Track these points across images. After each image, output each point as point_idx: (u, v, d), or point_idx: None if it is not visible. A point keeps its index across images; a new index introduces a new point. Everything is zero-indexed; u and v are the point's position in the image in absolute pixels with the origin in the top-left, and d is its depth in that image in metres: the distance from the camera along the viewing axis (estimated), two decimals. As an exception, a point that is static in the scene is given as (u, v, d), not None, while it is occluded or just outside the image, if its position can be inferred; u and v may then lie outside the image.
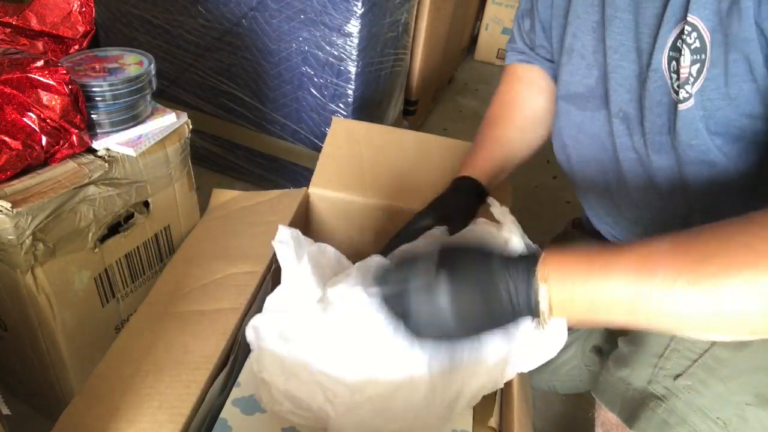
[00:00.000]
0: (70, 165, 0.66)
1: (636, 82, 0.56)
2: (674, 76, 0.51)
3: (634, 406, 0.53)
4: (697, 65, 0.48)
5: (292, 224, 0.76)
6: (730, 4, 0.44)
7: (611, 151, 0.62)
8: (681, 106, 0.52)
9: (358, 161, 0.87)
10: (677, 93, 0.52)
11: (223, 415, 0.53)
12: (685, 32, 0.48)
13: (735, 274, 0.36)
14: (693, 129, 0.52)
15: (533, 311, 0.43)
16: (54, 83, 0.63)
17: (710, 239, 0.39)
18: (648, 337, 0.54)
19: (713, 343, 0.51)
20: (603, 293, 0.41)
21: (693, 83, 0.49)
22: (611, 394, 0.56)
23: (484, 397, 0.58)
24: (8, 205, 0.59)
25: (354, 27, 1.03)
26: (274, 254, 0.69)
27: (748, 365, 0.50)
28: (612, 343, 0.80)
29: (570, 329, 0.80)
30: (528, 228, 0.56)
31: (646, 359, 0.53)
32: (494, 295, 0.43)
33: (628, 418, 0.54)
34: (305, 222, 0.86)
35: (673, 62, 0.51)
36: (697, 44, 0.47)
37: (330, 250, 0.62)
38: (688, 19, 0.47)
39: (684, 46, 0.48)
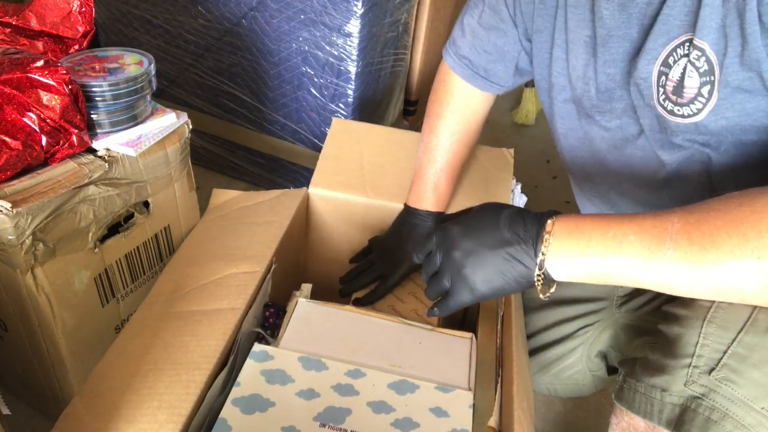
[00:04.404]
0: (70, 165, 0.66)
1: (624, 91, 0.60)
2: (661, 90, 0.55)
3: (677, 411, 0.52)
4: (708, 86, 0.52)
5: (292, 224, 0.76)
6: (737, 29, 0.48)
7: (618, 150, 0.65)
8: (674, 119, 0.56)
9: (358, 161, 0.87)
10: (663, 106, 0.56)
11: (223, 414, 0.53)
12: (693, 56, 0.51)
13: (737, 261, 0.41)
14: (687, 139, 0.56)
15: (535, 249, 0.50)
16: (54, 83, 0.63)
17: (717, 221, 0.43)
18: (676, 341, 0.52)
19: (739, 331, 0.48)
20: (607, 261, 0.47)
21: (706, 103, 0.53)
22: (644, 402, 0.54)
23: (485, 398, 0.58)
24: (8, 205, 0.59)
25: (354, 27, 1.03)
26: (274, 254, 0.69)
27: None
28: (617, 350, 0.80)
29: (574, 335, 0.80)
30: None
31: (679, 361, 0.51)
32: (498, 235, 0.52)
33: (671, 423, 0.52)
34: (305, 222, 0.86)
35: (663, 77, 0.55)
36: (706, 67, 0.51)
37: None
38: (695, 42, 0.51)
39: (692, 68, 0.52)
